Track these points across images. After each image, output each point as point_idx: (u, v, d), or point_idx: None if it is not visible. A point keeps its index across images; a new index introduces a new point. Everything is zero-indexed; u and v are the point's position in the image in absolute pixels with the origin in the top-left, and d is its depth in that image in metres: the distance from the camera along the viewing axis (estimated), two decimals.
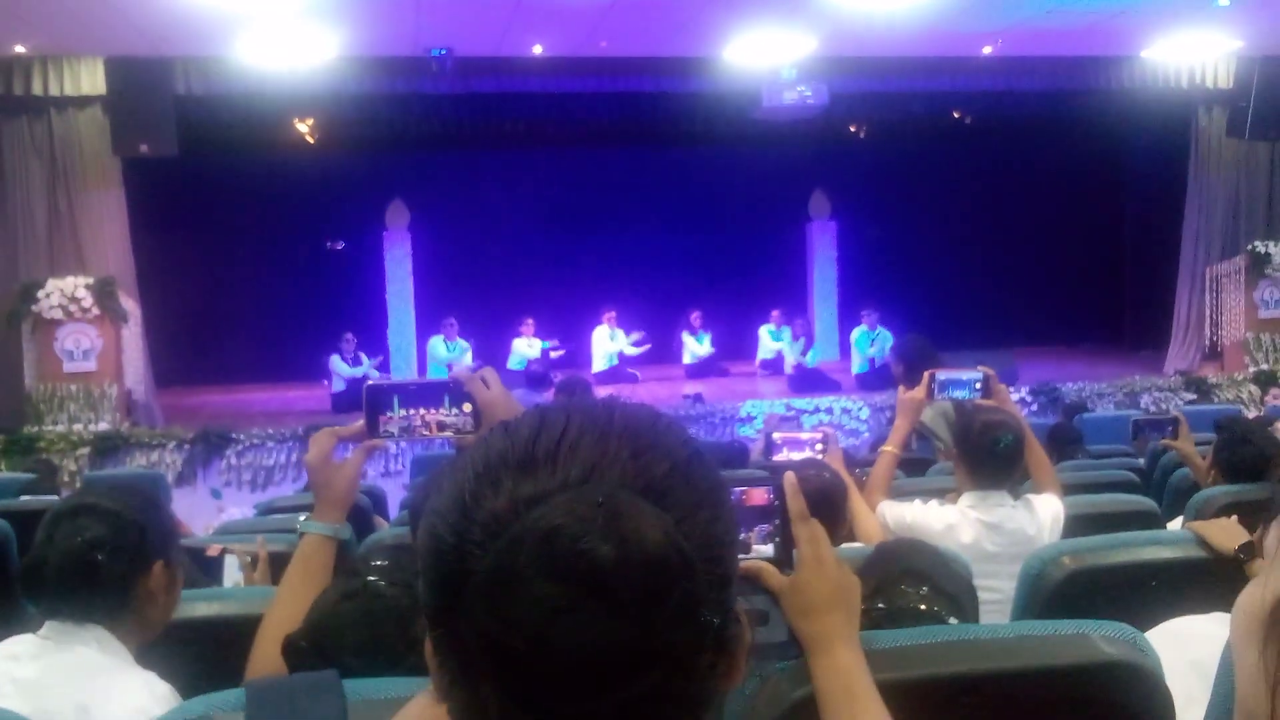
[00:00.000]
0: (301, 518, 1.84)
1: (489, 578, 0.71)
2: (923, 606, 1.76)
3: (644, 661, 0.70)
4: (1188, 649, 1.70)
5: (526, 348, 12.88)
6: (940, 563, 1.93)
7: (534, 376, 11.16)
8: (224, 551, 2.80)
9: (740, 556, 1.29)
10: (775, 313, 13.61)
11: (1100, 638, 1.41)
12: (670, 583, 0.71)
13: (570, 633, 0.68)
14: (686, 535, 0.73)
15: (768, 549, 1.31)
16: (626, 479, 0.75)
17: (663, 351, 13.73)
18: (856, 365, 12.71)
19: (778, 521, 1.30)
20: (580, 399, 0.86)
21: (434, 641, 0.77)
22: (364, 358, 12.17)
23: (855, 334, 12.98)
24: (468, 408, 1.79)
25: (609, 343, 13.30)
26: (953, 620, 1.76)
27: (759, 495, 1.31)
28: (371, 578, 1.60)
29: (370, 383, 1.90)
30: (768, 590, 1.28)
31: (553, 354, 13.07)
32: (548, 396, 10.79)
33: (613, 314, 13.32)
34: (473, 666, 0.72)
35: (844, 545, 3.01)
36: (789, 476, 1.31)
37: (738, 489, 1.31)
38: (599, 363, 13.16)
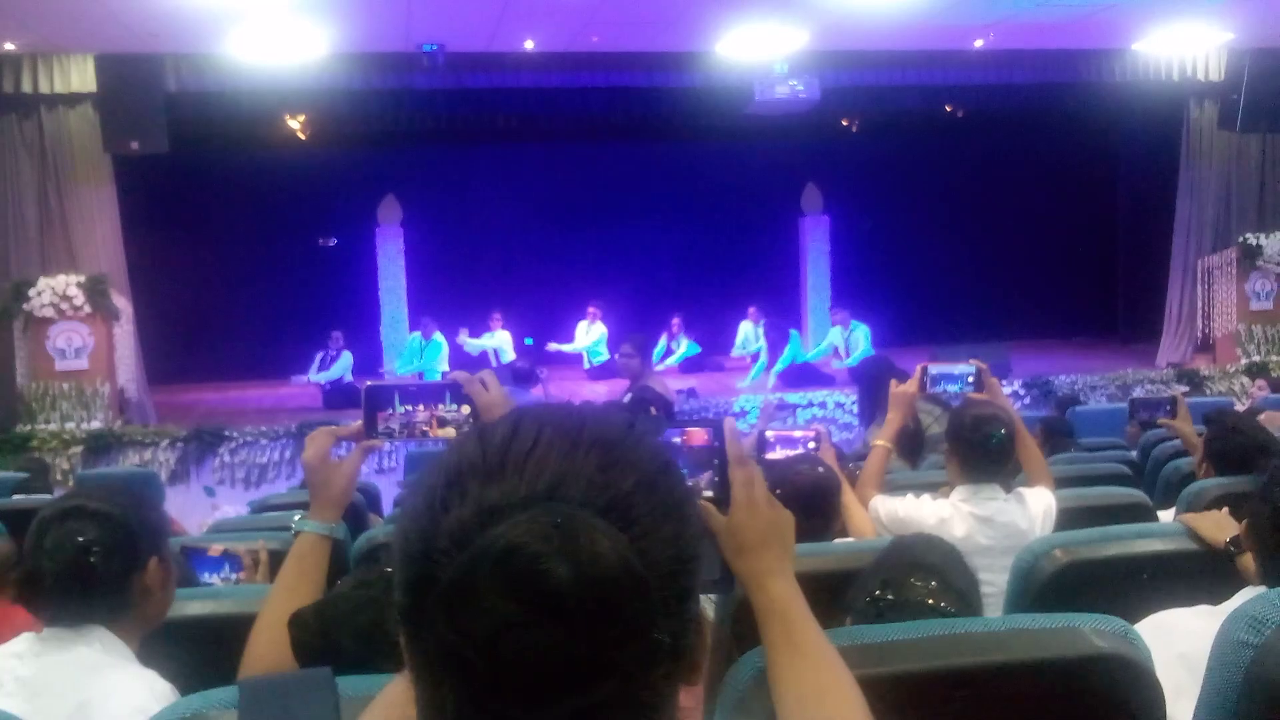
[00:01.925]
0: (296, 516, 1.84)
1: (449, 590, 0.73)
2: (930, 601, 1.77)
3: (595, 675, 0.72)
4: (1175, 642, 1.71)
5: (489, 340, 12.89)
6: (952, 558, 1.94)
7: (520, 373, 11.11)
8: (225, 552, 2.79)
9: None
10: (752, 309, 13.60)
11: (1092, 631, 1.41)
12: (622, 604, 0.72)
13: (524, 647, 0.71)
14: (645, 552, 0.75)
15: (708, 491, 1.34)
16: (591, 494, 0.76)
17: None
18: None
19: (716, 462, 1.33)
20: (554, 402, 0.89)
21: (404, 637, 0.80)
22: (347, 355, 12.15)
23: (830, 335, 12.86)
24: (466, 409, 1.79)
25: (583, 337, 13.34)
26: (954, 611, 1.77)
27: (699, 436, 1.34)
28: (389, 569, 1.63)
29: (369, 383, 1.91)
30: (707, 529, 1.31)
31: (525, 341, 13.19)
32: (536, 393, 10.78)
33: (595, 310, 13.35)
34: (433, 666, 0.75)
35: (837, 540, 3.02)
36: (729, 422, 1.34)
37: (678, 431, 1.35)
38: (584, 359, 13.22)
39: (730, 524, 1.29)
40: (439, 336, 12.47)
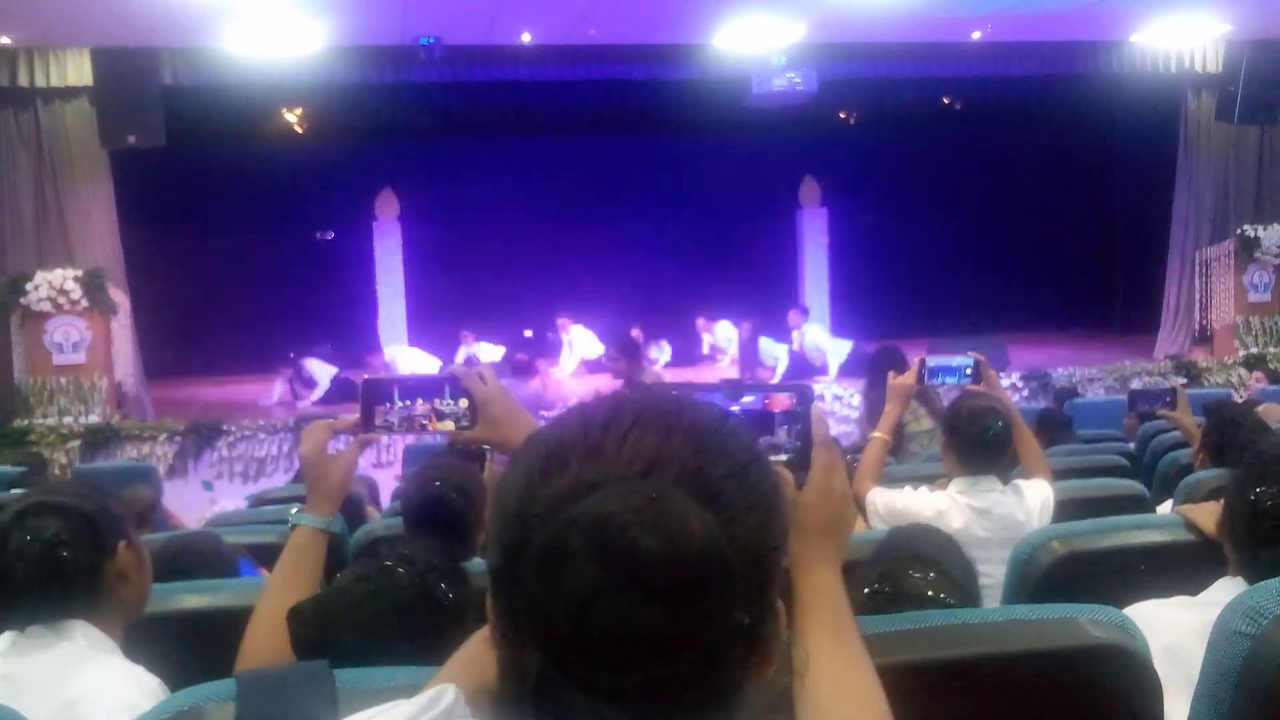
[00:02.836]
0: (293, 510, 1.83)
1: (543, 551, 0.76)
2: (930, 592, 1.77)
3: (674, 648, 0.75)
4: (1158, 635, 1.70)
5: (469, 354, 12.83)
6: (950, 549, 1.94)
7: (519, 365, 11.13)
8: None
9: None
10: (700, 320, 13.65)
11: (1088, 621, 1.42)
12: (707, 581, 0.75)
13: (608, 612, 0.74)
14: (732, 538, 0.78)
15: (782, 456, 1.35)
16: (684, 476, 0.79)
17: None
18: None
19: (799, 427, 1.35)
20: (651, 392, 0.91)
21: (492, 597, 0.83)
22: (315, 362, 11.95)
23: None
24: (464, 403, 1.79)
25: (576, 347, 13.29)
26: (954, 602, 1.77)
27: (783, 401, 1.37)
28: (388, 562, 1.63)
29: (367, 376, 1.90)
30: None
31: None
32: (534, 385, 10.80)
33: (564, 320, 13.29)
34: (520, 627, 0.78)
35: None
36: (816, 407, 1.37)
37: (763, 394, 1.38)
38: (572, 362, 13.18)
39: (801, 501, 1.30)
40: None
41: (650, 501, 0.76)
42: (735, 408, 1.38)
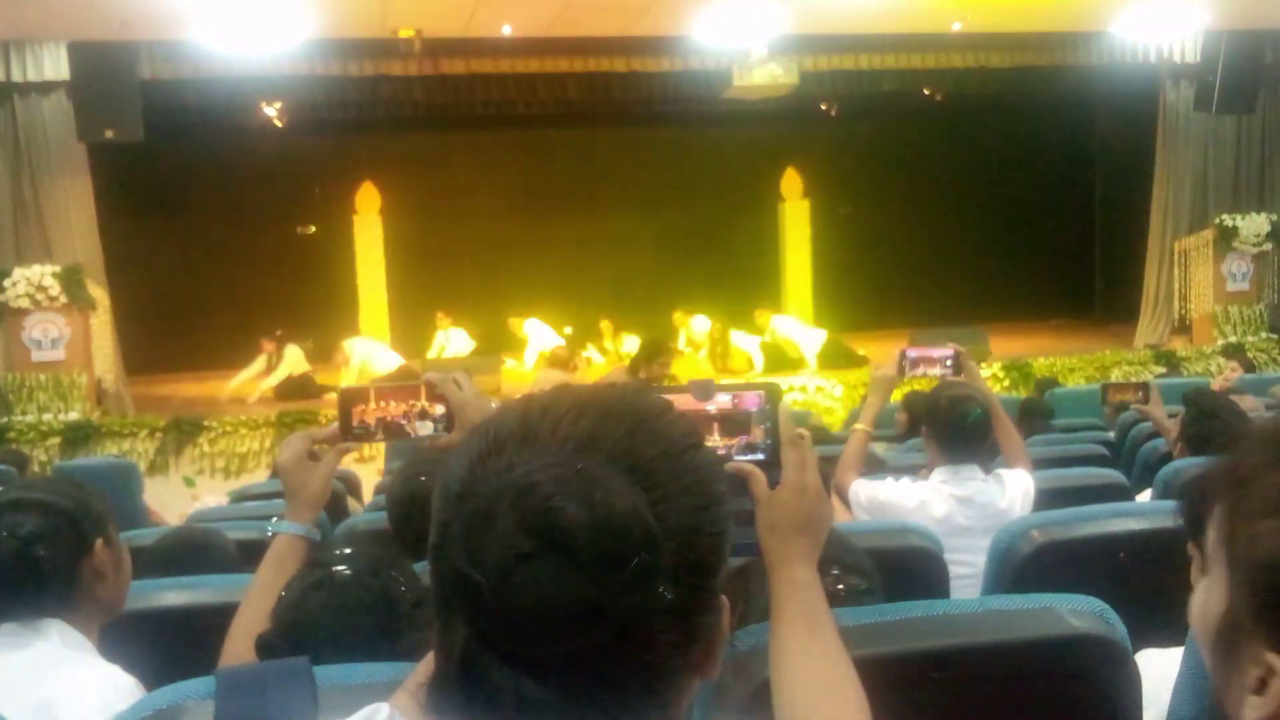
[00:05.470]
0: (273, 519, 1.83)
1: (469, 519, 0.77)
2: (840, 588, 1.64)
3: (595, 619, 0.74)
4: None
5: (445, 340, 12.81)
6: (835, 541, 1.87)
7: (559, 360, 11.31)
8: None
9: (738, 458, 1.37)
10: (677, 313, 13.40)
11: (1068, 611, 1.42)
12: (629, 551, 0.75)
13: (529, 579, 0.74)
14: (661, 516, 0.78)
15: (759, 456, 1.36)
16: (616, 454, 0.80)
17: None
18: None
19: (768, 425, 1.36)
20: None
21: (431, 576, 0.83)
22: (291, 349, 11.67)
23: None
24: (440, 409, 1.79)
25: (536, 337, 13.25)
26: (866, 587, 1.69)
27: (750, 399, 1.38)
28: (337, 567, 1.61)
29: (344, 385, 1.91)
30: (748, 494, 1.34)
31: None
32: (568, 378, 10.92)
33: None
34: (447, 601, 0.78)
35: None
36: (784, 404, 1.37)
37: (731, 394, 1.39)
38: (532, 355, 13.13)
39: (774, 499, 1.31)
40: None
41: (576, 472, 0.77)
42: (711, 408, 1.38)
